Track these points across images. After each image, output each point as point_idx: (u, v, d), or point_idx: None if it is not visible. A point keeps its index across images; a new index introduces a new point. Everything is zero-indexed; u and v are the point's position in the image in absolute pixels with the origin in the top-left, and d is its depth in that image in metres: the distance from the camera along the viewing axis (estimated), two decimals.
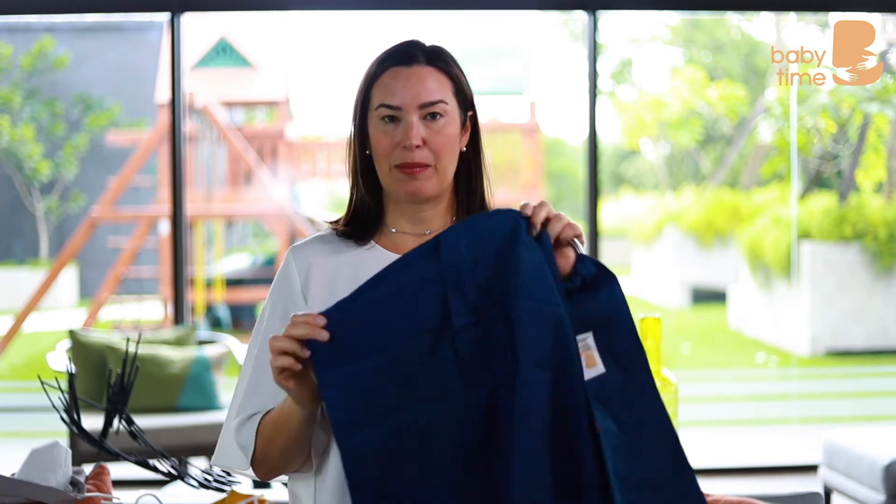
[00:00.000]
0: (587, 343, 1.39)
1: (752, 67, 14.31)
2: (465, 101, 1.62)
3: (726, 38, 14.67)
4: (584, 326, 1.40)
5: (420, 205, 1.60)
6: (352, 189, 1.65)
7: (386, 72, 1.57)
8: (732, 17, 14.07)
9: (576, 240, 1.44)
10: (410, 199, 1.58)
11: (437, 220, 1.62)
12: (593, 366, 1.39)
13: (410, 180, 1.55)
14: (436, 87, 1.56)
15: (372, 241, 1.63)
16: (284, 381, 1.38)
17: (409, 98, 1.55)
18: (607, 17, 5.79)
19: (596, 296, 1.41)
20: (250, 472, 1.58)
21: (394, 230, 1.63)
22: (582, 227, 1.57)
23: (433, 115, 1.56)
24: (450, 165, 1.58)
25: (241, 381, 1.62)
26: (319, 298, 1.57)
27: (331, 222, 1.67)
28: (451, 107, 1.58)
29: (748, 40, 14.69)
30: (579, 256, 1.43)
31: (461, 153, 1.62)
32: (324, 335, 1.35)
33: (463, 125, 1.61)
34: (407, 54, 1.58)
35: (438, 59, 1.59)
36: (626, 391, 1.39)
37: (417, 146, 1.54)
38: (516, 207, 1.47)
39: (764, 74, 13.88)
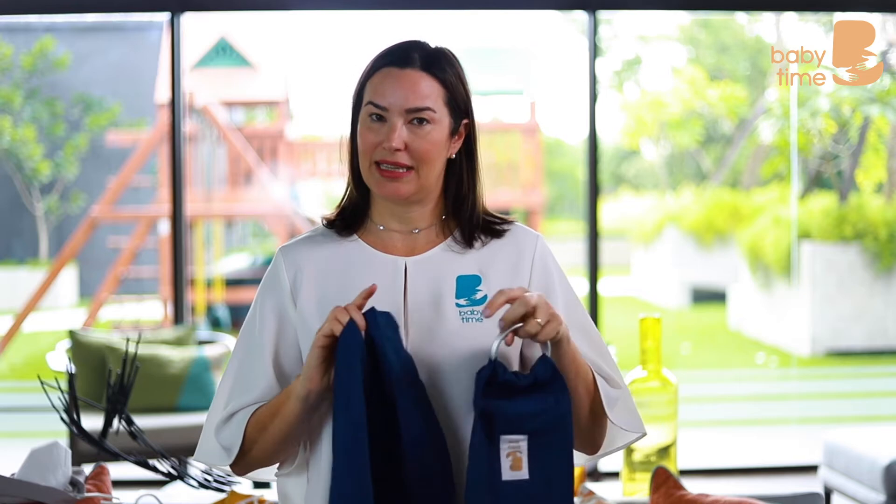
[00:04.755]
0: (519, 446, 1.37)
1: (759, 68, 14.29)
2: (458, 109, 1.59)
3: (732, 38, 14.63)
4: (520, 429, 1.37)
5: (402, 206, 1.60)
6: (347, 183, 1.66)
7: (379, 70, 1.57)
8: (742, 18, 14.05)
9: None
10: (388, 199, 1.58)
11: (424, 219, 1.63)
12: (518, 469, 1.36)
13: (388, 181, 1.55)
14: (426, 92, 1.55)
15: (355, 235, 1.63)
16: (323, 343, 1.44)
17: (396, 100, 1.54)
18: (616, 16, 5.79)
19: (542, 400, 1.38)
20: (228, 468, 1.60)
21: (381, 227, 1.63)
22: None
23: (420, 121, 1.55)
24: (431, 171, 1.57)
25: (227, 379, 1.62)
26: (310, 297, 1.58)
27: (324, 216, 1.68)
28: (440, 115, 1.56)
29: (756, 41, 14.66)
30: (542, 356, 1.40)
31: (452, 160, 1.61)
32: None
33: (454, 133, 1.60)
34: (404, 56, 1.56)
35: (435, 65, 1.57)
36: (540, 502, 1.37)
37: (398, 149, 1.53)
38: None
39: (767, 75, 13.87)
